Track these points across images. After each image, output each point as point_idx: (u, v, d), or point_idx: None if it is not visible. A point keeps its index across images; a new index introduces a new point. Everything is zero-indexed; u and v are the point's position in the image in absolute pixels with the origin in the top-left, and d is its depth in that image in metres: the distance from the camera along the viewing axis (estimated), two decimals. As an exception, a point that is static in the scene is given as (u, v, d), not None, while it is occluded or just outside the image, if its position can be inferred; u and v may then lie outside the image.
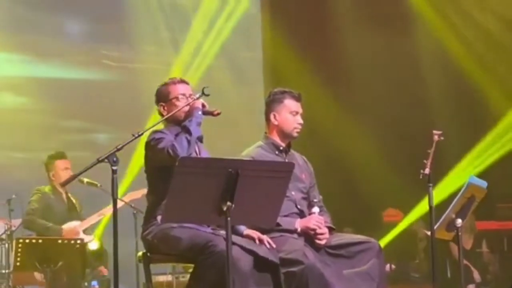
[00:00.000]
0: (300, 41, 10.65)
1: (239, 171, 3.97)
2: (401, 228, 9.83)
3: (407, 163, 9.01)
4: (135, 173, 8.80)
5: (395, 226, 9.88)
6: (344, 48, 10.56)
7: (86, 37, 10.16)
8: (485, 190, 5.43)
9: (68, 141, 9.98)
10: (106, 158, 4.30)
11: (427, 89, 10.46)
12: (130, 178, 8.94)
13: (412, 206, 9.60)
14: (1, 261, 8.05)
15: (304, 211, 5.08)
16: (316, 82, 10.45)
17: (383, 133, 10.37)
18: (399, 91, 10.43)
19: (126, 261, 4.94)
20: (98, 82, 10.46)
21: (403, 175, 9.32)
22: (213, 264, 4.39)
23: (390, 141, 10.28)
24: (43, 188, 7.96)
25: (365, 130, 10.49)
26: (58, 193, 7.97)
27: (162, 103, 4.93)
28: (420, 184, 5.41)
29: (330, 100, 10.58)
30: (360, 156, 10.46)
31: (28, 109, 9.99)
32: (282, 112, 5.14)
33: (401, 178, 9.51)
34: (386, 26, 10.38)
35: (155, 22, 10.45)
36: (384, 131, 10.37)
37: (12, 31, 9.78)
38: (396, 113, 10.33)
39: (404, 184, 9.27)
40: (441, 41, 10.30)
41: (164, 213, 4.16)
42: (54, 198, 7.92)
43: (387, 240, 9.47)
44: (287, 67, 10.57)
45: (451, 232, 5.40)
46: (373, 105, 10.46)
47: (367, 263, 4.87)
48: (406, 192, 9.11)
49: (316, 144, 9.75)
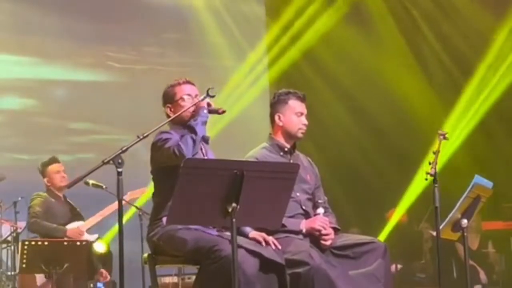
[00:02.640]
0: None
1: (244, 172, 3.97)
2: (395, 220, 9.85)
3: (412, 163, 9.03)
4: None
5: (399, 225, 9.89)
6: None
7: (91, 39, 10.16)
8: (491, 190, 5.42)
9: (74, 142, 10.00)
10: (111, 160, 4.29)
11: (430, 90, 10.47)
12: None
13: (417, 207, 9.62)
14: (7, 263, 8.07)
15: (309, 212, 5.07)
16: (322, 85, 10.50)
17: (386, 134, 10.37)
18: (401, 92, 10.44)
19: (131, 263, 4.92)
20: (104, 84, 10.47)
21: (408, 175, 9.34)
22: (218, 269, 4.39)
23: (394, 141, 10.29)
24: (42, 193, 7.99)
25: (369, 130, 10.51)
26: (57, 197, 8.00)
27: (169, 104, 4.93)
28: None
29: (335, 103, 10.60)
30: (365, 156, 10.47)
31: (34, 111, 10.00)
32: (286, 113, 5.14)
33: (406, 178, 9.53)
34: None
35: (159, 23, 10.46)
36: (387, 131, 10.38)
37: (18, 33, 9.80)
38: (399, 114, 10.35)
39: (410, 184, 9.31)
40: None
41: (169, 215, 4.16)
42: (55, 201, 7.95)
43: (392, 240, 9.47)
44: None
45: (457, 233, 5.38)
46: (377, 106, 10.46)
47: (372, 264, 4.86)
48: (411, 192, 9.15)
49: (322, 145, 9.78)
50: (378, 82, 10.40)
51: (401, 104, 10.26)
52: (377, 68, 10.38)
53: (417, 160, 8.27)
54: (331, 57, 10.55)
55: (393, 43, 10.55)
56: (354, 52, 10.49)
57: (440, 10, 10.31)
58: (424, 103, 10.24)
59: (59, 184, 7.95)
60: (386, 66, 10.34)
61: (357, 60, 10.53)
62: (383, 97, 10.35)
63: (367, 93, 10.51)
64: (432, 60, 10.52)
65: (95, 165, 4.34)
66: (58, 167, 8.01)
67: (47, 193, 7.96)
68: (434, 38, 10.41)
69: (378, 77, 10.36)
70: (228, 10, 10.81)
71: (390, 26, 10.63)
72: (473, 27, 9.96)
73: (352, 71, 10.58)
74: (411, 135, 10.03)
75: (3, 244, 8.13)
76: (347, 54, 10.52)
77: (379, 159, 10.33)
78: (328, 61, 10.57)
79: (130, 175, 4.52)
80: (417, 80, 10.44)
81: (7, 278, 7.96)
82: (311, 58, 10.73)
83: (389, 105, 10.31)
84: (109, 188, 7.11)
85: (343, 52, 10.51)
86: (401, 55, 10.52)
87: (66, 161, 8.35)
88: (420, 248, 9.76)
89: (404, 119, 10.21)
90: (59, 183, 7.94)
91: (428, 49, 10.49)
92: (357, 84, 10.56)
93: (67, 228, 7.76)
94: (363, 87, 10.55)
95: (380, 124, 10.47)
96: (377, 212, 10.18)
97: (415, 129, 9.99)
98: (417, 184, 9.37)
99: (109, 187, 7.07)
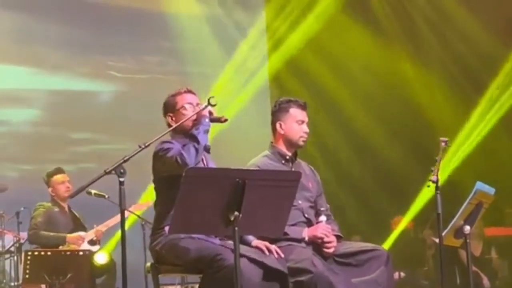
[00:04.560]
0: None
1: (246, 181, 3.97)
2: (401, 229, 9.85)
3: (415, 169, 9.04)
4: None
5: (404, 233, 9.89)
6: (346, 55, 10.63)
7: (92, 49, 10.18)
8: (493, 196, 5.42)
9: (76, 152, 10.01)
10: (113, 170, 4.30)
11: (434, 98, 10.48)
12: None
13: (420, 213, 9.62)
14: (10, 273, 8.06)
15: (311, 219, 5.07)
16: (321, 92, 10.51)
17: (390, 139, 10.38)
18: (404, 98, 10.46)
19: (134, 272, 4.92)
20: (105, 93, 10.48)
21: (411, 181, 9.34)
22: (221, 278, 4.38)
23: (398, 147, 10.30)
24: (45, 203, 8.01)
25: (371, 136, 10.52)
26: (61, 207, 8.01)
27: (170, 114, 4.94)
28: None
29: (336, 109, 10.62)
30: (368, 163, 10.49)
31: (36, 121, 10.02)
32: (288, 121, 5.14)
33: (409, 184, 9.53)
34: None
35: (158, 32, 10.48)
36: (391, 137, 10.38)
37: (19, 44, 9.82)
38: (402, 120, 10.36)
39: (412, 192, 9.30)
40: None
41: (171, 224, 4.15)
42: (58, 211, 7.96)
43: (395, 247, 9.47)
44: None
45: (460, 239, 5.38)
46: (380, 113, 10.48)
47: (375, 271, 4.85)
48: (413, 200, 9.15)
49: (325, 154, 9.79)
50: (396, 85, 10.42)
51: (402, 108, 10.30)
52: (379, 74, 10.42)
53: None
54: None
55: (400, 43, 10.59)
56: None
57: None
58: (435, 108, 10.28)
59: (63, 194, 7.98)
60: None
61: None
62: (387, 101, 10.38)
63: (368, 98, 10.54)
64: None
65: (97, 174, 4.35)
66: (63, 178, 8.05)
67: (51, 203, 7.99)
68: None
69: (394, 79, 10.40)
70: (227, 19, 10.83)
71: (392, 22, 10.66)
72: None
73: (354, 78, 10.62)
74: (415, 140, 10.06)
75: (6, 255, 8.13)
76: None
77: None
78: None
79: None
80: (434, 86, 10.48)
81: (10, 288, 7.97)
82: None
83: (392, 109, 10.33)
84: (112, 197, 7.12)
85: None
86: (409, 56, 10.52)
87: (68, 171, 8.37)
88: (423, 254, 9.76)
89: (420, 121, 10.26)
90: (63, 193, 7.98)
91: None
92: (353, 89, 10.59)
93: (67, 235, 7.78)
94: (362, 92, 10.58)
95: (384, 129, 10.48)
96: (380, 220, 10.19)
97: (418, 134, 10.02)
98: (424, 192, 9.36)
99: (111, 196, 7.08)
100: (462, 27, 10.13)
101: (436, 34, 10.55)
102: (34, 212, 7.93)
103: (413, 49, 10.64)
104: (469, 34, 10.04)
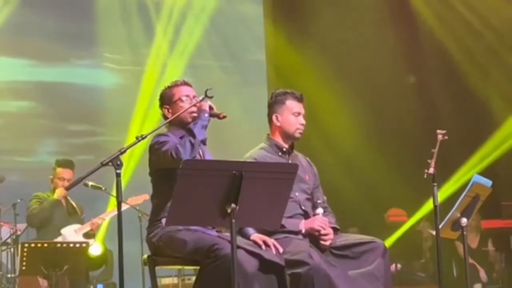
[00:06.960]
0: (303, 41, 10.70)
1: (243, 173, 3.96)
2: (406, 228, 9.83)
3: (411, 162, 9.02)
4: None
5: (400, 226, 9.88)
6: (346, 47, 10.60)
7: (87, 40, 10.16)
8: (490, 189, 5.41)
9: (72, 144, 10.01)
10: (110, 162, 4.29)
11: (431, 91, 10.48)
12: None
13: (416, 206, 9.60)
14: (7, 265, 8.07)
15: (308, 212, 5.07)
16: (320, 82, 10.48)
17: (387, 133, 10.37)
18: (403, 94, 10.44)
19: (131, 264, 4.92)
20: (101, 85, 10.46)
21: (407, 175, 9.32)
22: (218, 267, 4.38)
23: (394, 141, 10.29)
24: (41, 194, 8.00)
25: (369, 130, 10.50)
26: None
27: (167, 106, 4.92)
28: (424, 184, 5.37)
29: (333, 101, 10.60)
30: (364, 155, 10.47)
31: (32, 113, 10.01)
32: (284, 113, 5.13)
33: (405, 178, 9.51)
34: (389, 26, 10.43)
35: (153, 24, 10.46)
36: (388, 131, 10.38)
37: (15, 35, 9.80)
38: (400, 113, 10.35)
39: (409, 184, 9.28)
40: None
41: (168, 216, 4.15)
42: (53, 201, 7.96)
43: (392, 240, 9.47)
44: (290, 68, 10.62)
45: (457, 231, 5.38)
46: (375, 104, 10.47)
47: (372, 263, 4.85)
48: (410, 192, 9.13)
49: (322, 145, 9.78)
50: (376, 81, 10.42)
51: (401, 102, 10.29)
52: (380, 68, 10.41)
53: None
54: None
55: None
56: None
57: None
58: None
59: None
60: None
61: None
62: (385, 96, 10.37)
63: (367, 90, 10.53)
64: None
65: (94, 166, 4.34)
66: (64, 174, 8.00)
67: (50, 192, 8.00)
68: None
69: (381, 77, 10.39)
70: (225, 12, 10.81)
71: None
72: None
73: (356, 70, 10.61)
74: (412, 133, 10.05)
75: (3, 247, 8.14)
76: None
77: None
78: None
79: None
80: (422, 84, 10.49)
81: (7, 280, 7.96)
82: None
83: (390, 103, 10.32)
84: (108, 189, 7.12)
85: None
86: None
87: (65, 163, 8.35)
88: (420, 247, 9.76)
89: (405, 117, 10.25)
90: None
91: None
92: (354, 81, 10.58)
93: (57, 191, 7.80)
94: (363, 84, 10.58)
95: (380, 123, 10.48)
96: (377, 212, 10.18)
97: (416, 127, 10.01)
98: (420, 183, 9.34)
99: (108, 188, 7.09)
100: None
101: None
102: (30, 202, 7.94)
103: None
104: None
